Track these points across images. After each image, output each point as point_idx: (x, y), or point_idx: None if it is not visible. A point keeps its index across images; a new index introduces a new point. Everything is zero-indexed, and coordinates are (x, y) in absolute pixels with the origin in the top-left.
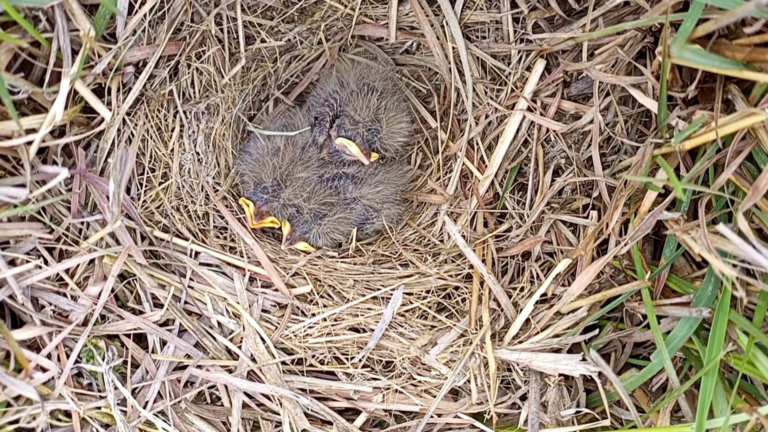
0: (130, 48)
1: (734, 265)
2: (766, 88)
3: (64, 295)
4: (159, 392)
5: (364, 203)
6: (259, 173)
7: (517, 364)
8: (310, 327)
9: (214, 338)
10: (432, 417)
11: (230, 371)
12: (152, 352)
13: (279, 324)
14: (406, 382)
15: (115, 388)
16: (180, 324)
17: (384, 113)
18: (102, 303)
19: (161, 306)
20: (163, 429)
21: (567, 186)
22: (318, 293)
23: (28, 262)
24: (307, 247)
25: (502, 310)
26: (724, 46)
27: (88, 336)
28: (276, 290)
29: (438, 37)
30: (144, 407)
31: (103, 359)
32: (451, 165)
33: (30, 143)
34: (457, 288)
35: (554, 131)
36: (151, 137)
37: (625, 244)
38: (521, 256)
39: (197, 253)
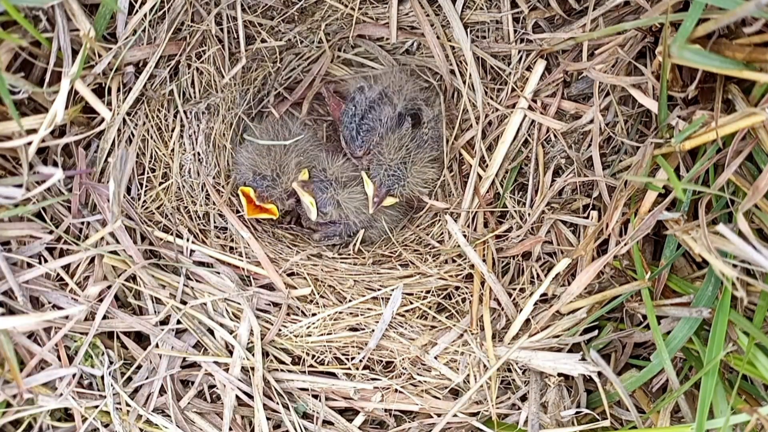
0: (130, 48)
1: (734, 266)
2: (766, 88)
3: (64, 295)
4: (159, 391)
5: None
6: (257, 165)
7: (516, 363)
8: (308, 327)
9: (213, 337)
10: (432, 417)
11: (230, 370)
12: (152, 351)
13: (278, 323)
14: (406, 382)
15: (115, 393)
16: (179, 323)
17: (411, 158)
18: (104, 308)
19: (161, 305)
20: (164, 427)
21: (567, 186)
22: (318, 293)
23: (31, 265)
24: (311, 200)
25: (502, 309)
26: (724, 46)
27: (86, 335)
28: (274, 290)
29: (438, 36)
30: (144, 406)
31: (102, 364)
32: (452, 164)
33: (29, 143)
34: (457, 288)
35: (554, 131)
36: (151, 137)
37: (625, 244)
38: (521, 257)
39: (194, 252)
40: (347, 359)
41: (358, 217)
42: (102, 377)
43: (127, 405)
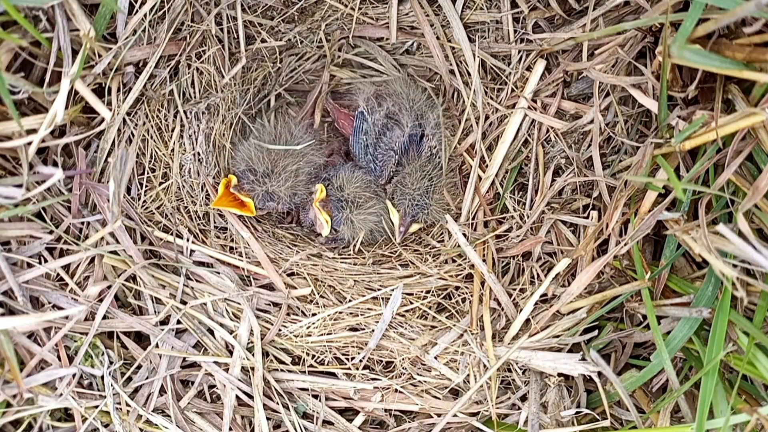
0: (130, 48)
1: (734, 266)
2: (766, 88)
3: (64, 295)
4: (159, 391)
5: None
6: (251, 160)
7: (516, 363)
8: (308, 327)
9: (213, 337)
10: (432, 417)
11: (230, 370)
12: (152, 351)
13: (278, 323)
14: (406, 382)
15: (115, 393)
16: (179, 323)
17: (432, 186)
18: (104, 308)
19: (161, 305)
20: (164, 427)
21: (567, 186)
22: (318, 293)
23: (31, 265)
24: (327, 218)
25: (502, 309)
26: (724, 46)
27: (86, 335)
28: (274, 290)
29: (438, 37)
30: (144, 406)
31: (102, 364)
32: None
33: (29, 143)
34: (457, 288)
35: (554, 130)
36: (151, 137)
37: (625, 244)
38: (522, 257)
39: (194, 252)
40: (347, 359)
41: (368, 235)
42: (102, 377)
43: (127, 405)
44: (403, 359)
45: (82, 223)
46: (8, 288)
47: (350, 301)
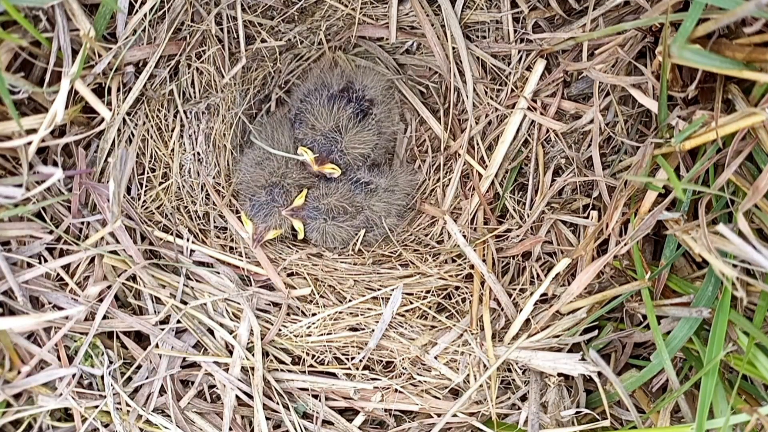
0: (130, 48)
1: (734, 266)
2: (766, 88)
3: (64, 295)
4: (159, 391)
5: (368, 214)
6: (255, 183)
7: (516, 363)
8: (308, 327)
9: (213, 337)
10: (432, 417)
11: (229, 370)
12: (152, 351)
13: (278, 323)
14: (406, 382)
15: (115, 393)
16: (179, 323)
17: (344, 128)
18: (104, 308)
19: (161, 305)
20: (164, 427)
21: (567, 186)
22: (318, 293)
23: (31, 265)
24: (300, 225)
25: (502, 309)
26: (724, 46)
27: (86, 335)
28: (273, 290)
29: (438, 36)
30: (144, 406)
31: (102, 364)
32: (451, 165)
33: (29, 143)
34: (457, 288)
35: (554, 131)
36: (151, 137)
37: (625, 244)
38: (521, 257)
39: (194, 252)
40: (347, 359)
41: (343, 244)
42: (102, 377)
43: (127, 405)
44: (403, 359)
45: (82, 223)
46: (8, 288)
47: (350, 301)
